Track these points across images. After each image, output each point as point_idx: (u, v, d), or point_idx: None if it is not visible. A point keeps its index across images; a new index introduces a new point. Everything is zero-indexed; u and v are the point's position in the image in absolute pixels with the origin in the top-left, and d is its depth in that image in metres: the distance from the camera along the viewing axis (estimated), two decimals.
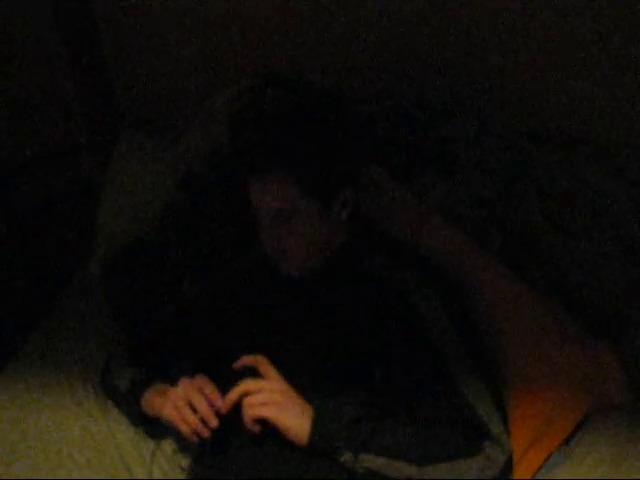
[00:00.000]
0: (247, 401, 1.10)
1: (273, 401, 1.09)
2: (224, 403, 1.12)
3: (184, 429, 1.13)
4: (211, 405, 1.12)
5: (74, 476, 1.29)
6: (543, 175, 1.57)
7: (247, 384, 1.12)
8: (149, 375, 1.32)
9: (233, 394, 1.12)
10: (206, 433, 1.11)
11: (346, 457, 1.06)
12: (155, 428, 1.35)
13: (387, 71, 1.78)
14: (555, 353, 1.34)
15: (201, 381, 1.17)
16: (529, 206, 1.54)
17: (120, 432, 1.39)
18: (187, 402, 1.13)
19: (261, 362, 1.15)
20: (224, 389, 1.15)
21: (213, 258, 1.61)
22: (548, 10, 1.62)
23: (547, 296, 1.43)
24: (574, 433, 1.30)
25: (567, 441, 1.29)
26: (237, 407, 1.12)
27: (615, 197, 1.52)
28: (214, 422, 1.11)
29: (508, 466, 1.15)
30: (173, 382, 1.21)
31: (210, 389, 1.14)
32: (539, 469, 1.25)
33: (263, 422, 1.09)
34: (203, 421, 1.11)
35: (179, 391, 1.16)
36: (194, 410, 1.12)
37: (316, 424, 1.07)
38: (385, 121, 1.63)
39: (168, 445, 1.38)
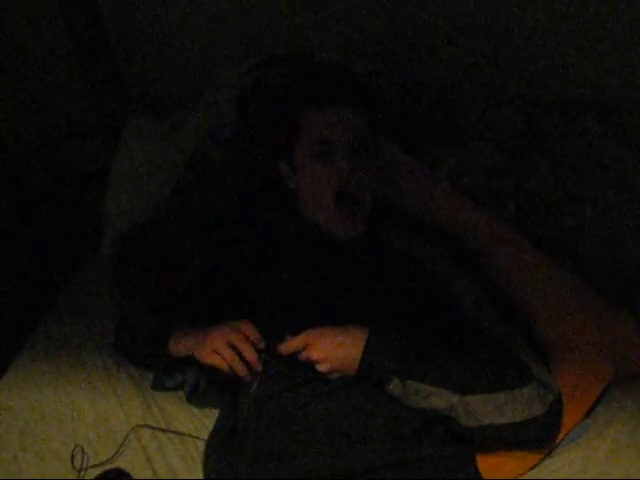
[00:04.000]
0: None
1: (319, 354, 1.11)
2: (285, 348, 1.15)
3: (226, 368, 1.16)
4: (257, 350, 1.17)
5: (90, 456, 1.28)
6: (554, 143, 1.55)
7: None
8: (169, 320, 1.32)
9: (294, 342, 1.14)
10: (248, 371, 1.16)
11: (394, 384, 1.09)
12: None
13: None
14: (578, 322, 1.33)
15: (247, 327, 1.18)
16: (541, 174, 1.53)
17: (132, 411, 1.40)
18: (230, 345, 1.16)
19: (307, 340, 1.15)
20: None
21: (222, 236, 1.61)
22: None
23: (563, 266, 1.42)
24: (595, 404, 1.29)
25: (587, 413, 1.28)
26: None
27: (626, 162, 1.50)
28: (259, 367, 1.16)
29: (559, 407, 1.14)
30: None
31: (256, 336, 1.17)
32: (564, 436, 1.24)
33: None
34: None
35: (226, 333, 1.18)
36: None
37: (366, 352, 1.10)
38: (394, 95, 1.62)
39: (177, 422, 1.38)
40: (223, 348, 1.16)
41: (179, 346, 1.26)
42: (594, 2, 1.60)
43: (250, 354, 1.16)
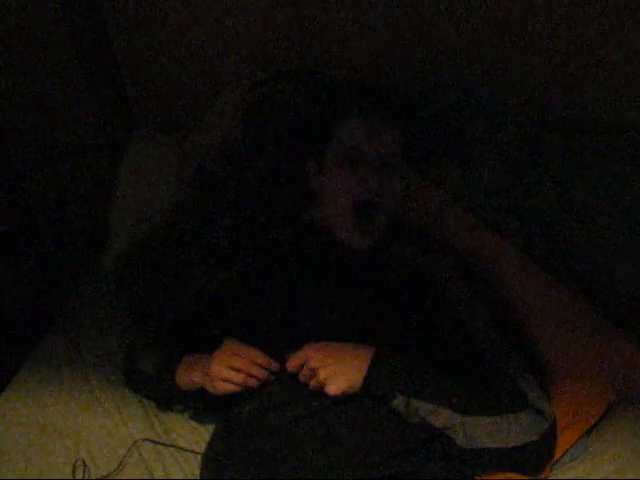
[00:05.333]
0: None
1: (326, 368, 1.11)
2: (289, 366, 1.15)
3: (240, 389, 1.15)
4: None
5: (91, 470, 1.28)
6: (557, 161, 1.56)
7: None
8: (174, 355, 1.31)
9: (296, 360, 1.14)
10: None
11: (398, 401, 1.10)
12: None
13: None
14: (580, 342, 1.33)
15: (242, 348, 1.17)
16: (545, 194, 1.53)
17: (135, 428, 1.39)
18: (234, 368, 1.15)
19: (309, 353, 1.14)
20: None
21: (224, 250, 1.61)
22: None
23: (568, 287, 1.42)
24: (597, 423, 1.29)
25: (588, 431, 1.29)
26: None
27: (630, 182, 1.50)
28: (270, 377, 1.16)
29: (552, 435, 1.16)
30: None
31: (261, 357, 1.17)
32: (563, 455, 1.25)
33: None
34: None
35: (224, 360, 1.16)
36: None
37: (371, 369, 1.11)
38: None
39: (180, 437, 1.38)
40: (231, 375, 1.15)
41: (187, 382, 1.25)
42: (595, 21, 1.62)
43: (258, 372, 1.16)
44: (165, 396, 1.38)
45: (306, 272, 1.33)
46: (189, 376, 1.24)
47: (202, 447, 1.32)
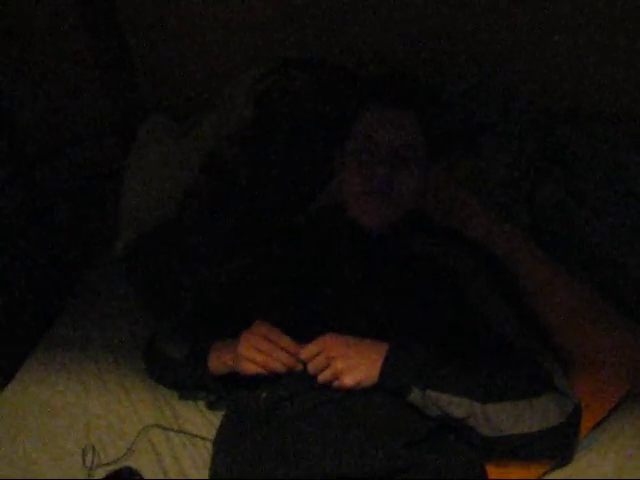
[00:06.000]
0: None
1: (343, 359, 1.10)
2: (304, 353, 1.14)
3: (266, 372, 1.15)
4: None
5: (101, 455, 1.29)
6: (568, 153, 1.55)
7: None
8: (202, 341, 1.31)
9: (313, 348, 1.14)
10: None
11: (414, 394, 1.10)
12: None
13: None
14: (594, 336, 1.33)
15: (272, 331, 1.17)
16: (554, 183, 1.52)
17: (143, 411, 1.41)
18: (259, 350, 1.15)
19: (328, 342, 1.14)
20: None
21: (236, 238, 1.61)
22: None
23: (579, 278, 1.42)
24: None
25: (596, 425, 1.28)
26: None
27: None
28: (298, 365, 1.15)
29: (577, 418, 1.15)
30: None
31: (288, 342, 1.16)
32: None
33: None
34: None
35: (251, 340, 1.17)
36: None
37: (386, 364, 1.11)
38: None
39: (189, 423, 1.39)
40: (255, 355, 1.15)
41: (219, 365, 1.25)
42: (605, 10, 1.60)
43: (283, 357, 1.15)
44: (195, 382, 1.37)
45: (321, 256, 1.33)
46: (222, 358, 1.24)
47: (211, 433, 1.33)
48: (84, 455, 1.27)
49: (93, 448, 1.29)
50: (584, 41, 1.66)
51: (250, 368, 1.16)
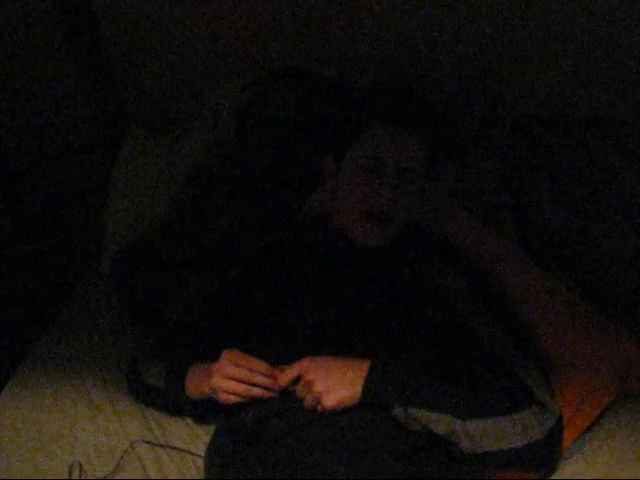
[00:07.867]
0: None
1: (321, 381, 1.10)
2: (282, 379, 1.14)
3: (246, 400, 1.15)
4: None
5: (88, 472, 1.28)
6: (554, 158, 1.56)
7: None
8: (180, 365, 1.30)
9: (290, 373, 1.14)
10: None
11: (397, 411, 1.09)
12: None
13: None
14: (581, 339, 1.33)
15: (243, 358, 1.17)
16: (540, 188, 1.53)
17: (130, 426, 1.39)
18: (235, 379, 1.14)
19: (304, 366, 1.14)
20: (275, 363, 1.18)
21: (221, 251, 1.61)
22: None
23: (565, 283, 1.42)
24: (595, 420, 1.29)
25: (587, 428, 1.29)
26: None
27: (628, 176, 1.50)
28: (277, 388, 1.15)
29: (558, 432, 1.14)
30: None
31: (262, 365, 1.16)
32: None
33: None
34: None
35: (225, 370, 1.16)
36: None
37: (368, 382, 1.10)
38: None
39: (177, 438, 1.37)
40: (233, 386, 1.15)
41: (199, 393, 1.24)
42: (593, 18, 1.61)
43: (261, 380, 1.15)
44: (177, 409, 1.37)
45: (310, 269, 1.33)
46: (198, 387, 1.23)
47: (199, 448, 1.32)
48: (70, 472, 1.26)
49: (80, 465, 1.28)
50: (571, 46, 1.68)
51: (229, 399, 1.15)
